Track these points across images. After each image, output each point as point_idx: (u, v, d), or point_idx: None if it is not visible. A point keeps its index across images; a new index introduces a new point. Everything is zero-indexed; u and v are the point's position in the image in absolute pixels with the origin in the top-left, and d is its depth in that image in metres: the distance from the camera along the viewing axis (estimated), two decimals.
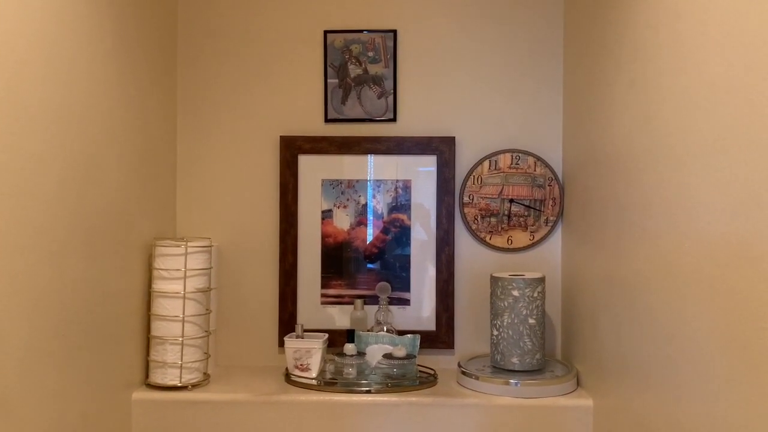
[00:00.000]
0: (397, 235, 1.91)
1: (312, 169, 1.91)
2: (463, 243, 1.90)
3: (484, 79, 1.90)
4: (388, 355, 1.72)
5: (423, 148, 1.89)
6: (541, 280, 1.70)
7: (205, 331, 1.73)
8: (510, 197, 1.88)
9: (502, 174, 1.88)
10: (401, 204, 1.91)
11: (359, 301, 1.84)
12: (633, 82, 1.35)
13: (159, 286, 1.68)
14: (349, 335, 1.76)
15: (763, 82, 0.88)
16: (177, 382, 1.66)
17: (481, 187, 1.88)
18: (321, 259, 1.91)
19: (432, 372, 1.77)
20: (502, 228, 1.88)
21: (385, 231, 1.91)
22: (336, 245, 1.91)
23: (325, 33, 1.91)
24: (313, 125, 1.91)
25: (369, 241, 1.91)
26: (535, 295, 1.68)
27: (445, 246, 1.89)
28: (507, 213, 1.88)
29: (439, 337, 1.89)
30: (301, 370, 1.71)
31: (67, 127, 1.32)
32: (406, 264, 1.91)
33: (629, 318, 1.36)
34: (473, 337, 1.90)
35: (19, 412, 1.18)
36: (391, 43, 1.90)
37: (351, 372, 1.71)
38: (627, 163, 1.38)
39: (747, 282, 0.92)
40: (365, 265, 1.91)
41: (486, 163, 1.88)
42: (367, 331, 1.81)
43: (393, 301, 1.88)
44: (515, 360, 1.68)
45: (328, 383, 1.68)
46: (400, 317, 1.89)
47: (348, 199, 1.92)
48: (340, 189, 1.92)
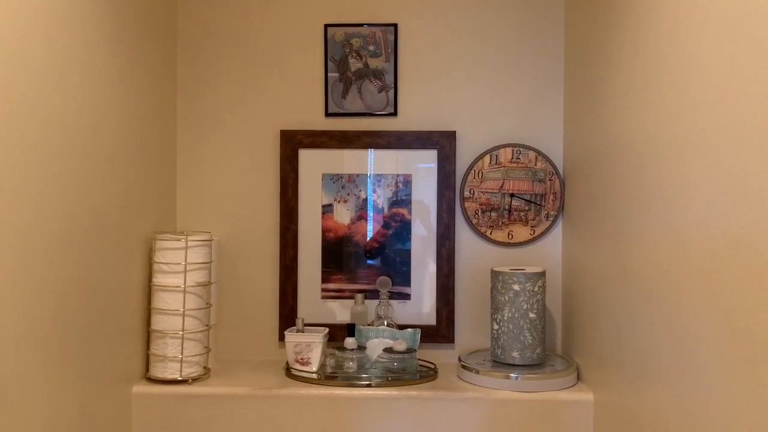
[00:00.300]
0: (398, 229, 1.91)
1: (312, 163, 1.91)
2: (464, 237, 1.90)
3: (485, 74, 1.90)
4: (388, 349, 1.72)
5: (423, 143, 1.88)
6: (542, 275, 1.70)
7: (206, 325, 1.73)
8: (511, 192, 1.88)
9: (502, 168, 1.88)
10: (402, 199, 1.91)
11: (360, 296, 1.84)
12: (634, 75, 1.35)
13: (159, 279, 1.68)
14: (349, 329, 1.75)
15: (765, 78, 0.88)
16: (177, 376, 1.66)
17: (481, 182, 1.88)
18: (321, 254, 1.91)
19: (432, 366, 1.77)
20: (503, 222, 1.88)
21: (385, 226, 1.91)
22: (336, 240, 1.91)
23: (326, 27, 1.90)
24: (314, 119, 1.91)
25: (369, 236, 1.91)
26: (535, 289, 1.68)
27: (445, 240, 1.89)
28: (508, 207, 1.88)
29: (440, 332, 1.89)
30: (302, 364, 1.71)
31: (65, 121, 1.32)
32: (406, 258, 1.91)
33: (629, 312, 1.36)
34: (473, 331, 1.90)
35: (18, 405, 1.18)
36: (391, 37, 1.89)
37: (351, 366, 1.71)
38: (628, 157, 1.38)
39: (747, 276, 0.92)
40: (365, 259, 1.91)
41: (487, 158, 1.88)
42: (368, 325, 1.81)
43: (393, 295, 1.88)
44: (516, 354, 1.68)
45: (329, 377, 1.68)
46: (401, 312, 1.89)
47: (348, 194, 1.91)
48: (341, 183, 1.91)
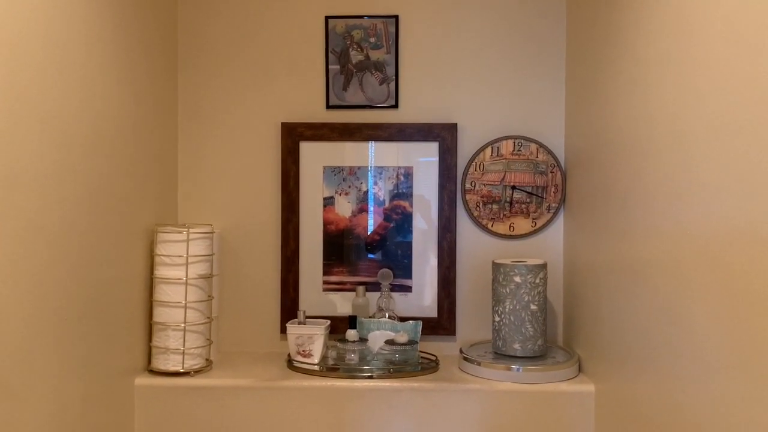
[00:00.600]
0: (399, 222, 1.91)
1: (313, 155, 1.91)
2: (465, 230, 1.90)
3: (487, 66, 1.89)
4: (390, 341, 1.72)
5: (425, 135, 1.88)
6: (543, 267, 1.70)
7: (207, 317, 1.73)
8: (512, 184, 1.87)
9: (504, 161, 1.87)
10: (403, 191, 1.91)
11: (361, 288, 1.85)
12: (636, 66, 1.34)
13: (161, 272, 1.68)
14: (351, 321, 1.76)
15: None
16: (179, 368, 1.66)
17: (483, 174, 1.88)
18: (323, 246, 1.91)
19: (434, 358, 1.77)
20: (504, 215, 1.88)
21: (386, 218, 1.91)
22: (338, 232, 1.91)
23: (327, 18, 1.90)
24: (315, 112, 1.91)
25: (371, 228, 1.91)
26: (537, 281, 1.68)
27: (446, 233, 1.89)
28: (509, 200, 1.88)
29: (441, 324, 1.89)
30: (304, 356, 1.72)
31: (66, 114, 1.32)
32: (407, 251, 1.91)
33: (631, 304, 1.36)
34: (475, 323, 1.90)
35: (21, 397, 1.18)
36: (393, 29, 1.89)
37: (353, 358, 1.72)
38: (629, 148, 1.38)
39: (749, 267, 0.92)
40: (367, 252, 1.91)
41: (488, 150, 1.88)
42: (369, 317, 1.81)
43: (395, 287, 1.88)
44: (517, 346, 1.68)
45: (331, 369, 1.69)
46: (402, 304, 1.89)
47: (350, 186, 1.91)
48: (342, 176, 1.91)
